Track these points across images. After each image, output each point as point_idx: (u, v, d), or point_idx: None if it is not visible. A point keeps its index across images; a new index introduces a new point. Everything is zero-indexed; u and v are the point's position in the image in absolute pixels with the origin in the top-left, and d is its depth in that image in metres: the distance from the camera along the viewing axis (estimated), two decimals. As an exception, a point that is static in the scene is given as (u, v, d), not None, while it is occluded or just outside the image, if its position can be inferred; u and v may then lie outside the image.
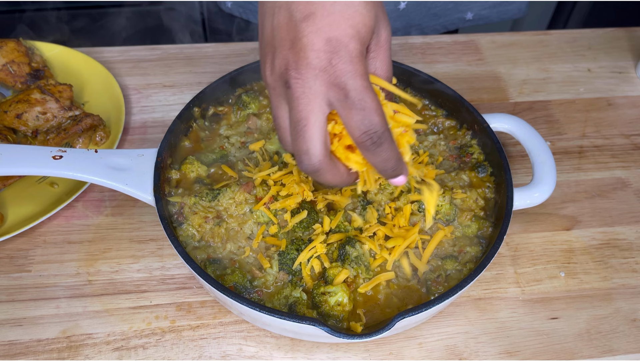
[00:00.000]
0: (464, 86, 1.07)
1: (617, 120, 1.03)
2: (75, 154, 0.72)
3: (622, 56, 1.16)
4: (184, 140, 0.82)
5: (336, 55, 0.50)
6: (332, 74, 0.50)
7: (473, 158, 0.81)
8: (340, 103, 0.50)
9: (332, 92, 0.50)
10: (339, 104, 0.51)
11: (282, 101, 0.54)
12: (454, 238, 0.73)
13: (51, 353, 0.69)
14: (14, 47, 0.98)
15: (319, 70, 0.50)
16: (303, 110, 0.51)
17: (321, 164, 0.53)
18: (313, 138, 0.52)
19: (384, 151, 0.52)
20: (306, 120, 0.51)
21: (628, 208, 0.88)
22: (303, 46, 0.50)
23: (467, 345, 0.72)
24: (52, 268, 0.77)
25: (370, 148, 0.52)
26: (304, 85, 0.50)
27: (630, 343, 0.73)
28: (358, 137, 0.51)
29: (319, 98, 0.51)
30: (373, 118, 0.50)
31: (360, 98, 0.50)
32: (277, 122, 0.56)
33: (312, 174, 0.55)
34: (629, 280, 0.79)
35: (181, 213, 0.73)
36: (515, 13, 1.25)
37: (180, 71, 1.08)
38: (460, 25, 1.26)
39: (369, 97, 0.50)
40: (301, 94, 0.51)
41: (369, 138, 0.51)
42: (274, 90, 0.54)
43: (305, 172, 0.54)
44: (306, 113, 0.51)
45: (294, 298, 0.66)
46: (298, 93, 0.51)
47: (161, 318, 0.73)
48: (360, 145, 0.52)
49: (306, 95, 0.51)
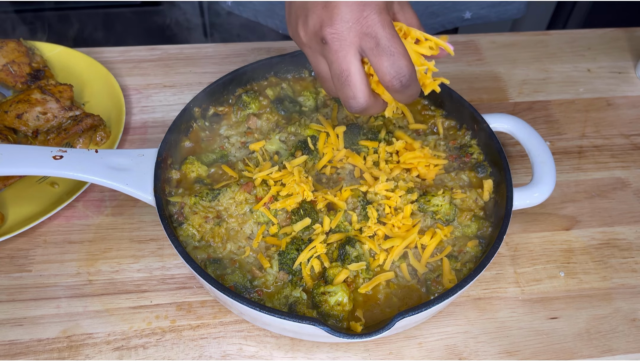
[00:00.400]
0: (464, 86, 1.07)
1: (617, 120, 1.03)
2: (75, 154, 0.72)
3: (622, 56, 1.16)
4: (184, 140, 0.83)
5: (366, 8, 0.56)
6: (364, 25, 0.56)
7: (473, 158, 0.81)
8: (372, 50, 0.56)
9: (365, 41, 0.56)
10: (370, 52, 0.57)
11: (319, 57, 0.61)
12: (454, 238, 0.73)
13: (51, 353, 0.69)
14: (15, 47, 0.98)
15: (352, 22, 0.56)
16: (342, 62, 0.57)
17: (367, 104, 0.60)
18: (357, 84, 0.58)
19: (410, 90, 0.59)
20: (347, 70, 0.58)
21: (627, 208, 0.88)
22: (336, 4, 0.56)
23: (466, 344, 0.72)
24: (53, 268, 0.78)
25: (399, 90, 0.58)
26: (340, 39, 0.57)
27: (629, 343, 0.73)
28: (389, 80, 0.57)
29: (354, 48, 0.57)
30: (401, 62, 0.57)
31: (390, 44, 0.56)
32: (320, 75, 0.63)
33: (359, 112, 0.62)
34: (628, 279, 0.79)
35: (181, 213, 0.73)
36: (514, 13, 1.25)
37: (181, 71, 1.08)
38: (459, 24, 1.26)
39: (397, 42, 0.57)
40: (339, 47, 0.57)
41: (398, 82, 0.57)
42: (309, 49, 0.61)
43: (355, 112, 0.61)
44: (346, 65, 0.57)
45: (294, 298, 0.66)
46: (336, 47, 0.57)
47: (161, 318, 0.73)
48: (391, 88, 0.58)
49: (343, 47, 0.57)
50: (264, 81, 0.92)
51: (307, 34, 0.60)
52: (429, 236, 0.71)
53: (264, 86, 0.91)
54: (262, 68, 0.90)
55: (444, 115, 0.87)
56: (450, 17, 1.23)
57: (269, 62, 0.90)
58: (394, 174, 0.78)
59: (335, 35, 0.57)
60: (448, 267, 0.69)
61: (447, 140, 0.84)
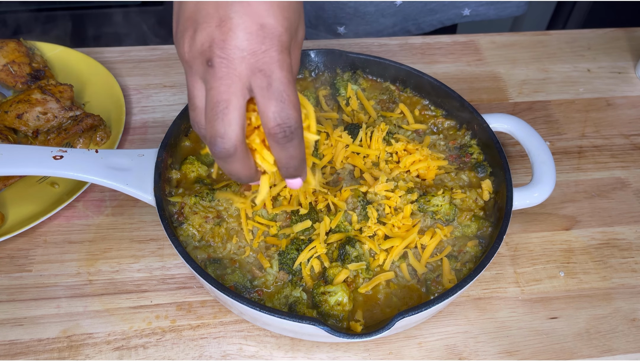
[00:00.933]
0: (463, 86, 1.07)
1: (617, 120, 1.03)
2: (75, 154, 0.72)
3: (622, 56, 1.16)
4: (185, 140, 0.83)
5: (268, 42, 0.49)
6: (260, 60, 0.49)
7: (473, 158, 0.82)
8: (262, 91, 0.49)
9: (256, 77, 0.49)
10: (259, 91, 0.49)
11: (198, 80, 0.52)
12: (454, 238, 0.73)
13: (52, 353, 0.69)
14: (15, 47, 0.98)
15: (247, 53, 0.48)
16: (225, 92, 0.49)
17: (236, 150, 0.51)
18: (232, 121, 0.50)
19: (292, 147, 0.52)
20: (227, 102, 0.49)
21: (627, 208, 0.89)
22: (233, 26, 0.48)
23: (466, 344, 0.72)
24: (53, 268, 0.78)
25: (281, 142, 0.51)
26: (228, 66, 0.49)
27: (629, 343, 0.73)
28: (272, 127, 0.50)
29: (242, 82, 0.49)
30: (290, 112, 0.50)
31: (283, 89, 0.49)
32: (193, 101, 0.53)
33: (222, 160, 0.52)
34: (628, 279, 0.79)
35: (181, 213, 0.73)
36: (514, 10, 1.25)
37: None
38: (457, 21, 1.26)
39: (291, 90, 0.50)
40: (224, 75, 0.49)
41: (282, 131, 0.50)
42: (190, 68, 0.52)
43: (217, 156, 0.52)
44: (228, 95, 0.49)
45: (294, 297, 0.66)
46: (221, 74, 0.49)
47: (161, 318, 0.73)
48: (272, 137, 0.51)
49: (230, 76, 0.49)
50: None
51: (191, 50, 0.50)
52: (429, 236, 0.71)
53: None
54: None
55: (444, 115, 0.87)
56: (448, 14, 1.23)
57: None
58: (394, 174, 0.78)
59: (224, 61, 0.48)
60: (448, 267, 0.69)
61: (447, 140, 0.84)
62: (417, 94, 0.90)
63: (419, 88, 0.90)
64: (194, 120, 0.54)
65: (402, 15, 1.22)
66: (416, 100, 0.90)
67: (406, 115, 0.86)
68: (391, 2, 1.17)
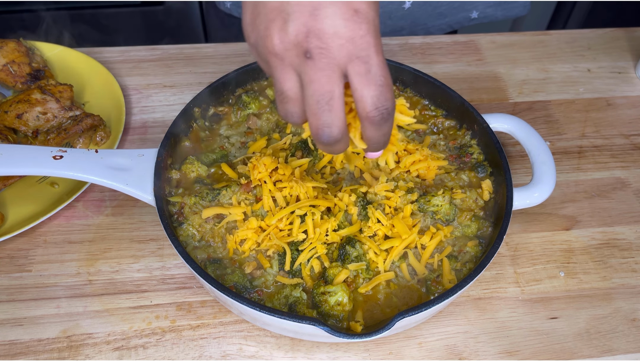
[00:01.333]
0: (464, 86, 1.07)
1: (617, 120, 1.03)
2: (75, 154, 0.72)
3: (622, 56, 1.16)
4: (184, 140, 0.83)
5: (364, 27, 0.49)
6: (357, 46, 0.49)
7: (473, 158, 0.82)
8: (360, 77, 0.50)
9: (354, 64, 0.49)
10: (357, 78, 0.50)
11: (291, 71, 0.51)
12: (454, 238, 0.73)
13: (51, 353, 0.69)
14: (15, 47, 0.98)
15: (345, 40, 0.48)
16: (327, 83, 0.49)
17: (342, 136, 0.53)
18: (337, 111, 0.51)
19: (387, 127, 0.53)
20: (331, 93, 0.50)
21: (627, 208, 0.88)
22: (329, 14, 0.48)
23: (466, 344, 0.72)
24: (53, 268, 0.78)
25: (378, 123, 0.52)
26: (328, 56, 0.49)
27: (629, 343, 0.73)
28: (370, 111, 0.51)
29: (340, 70, 0.50)
30: (388, 95, 0.51)
31: (381, 74, 0.50)
32: (286, 94, 0.52)
33: (329, 146, 0.54)
34: (628, 279, 0.79)
35: (181, 213, 0.73)
36: (520, 10, 1.25)
37: (181, 71, 1.08)
38: (466, 24, 1.26)
39: (388, 73, 0.51)
40: (325, 65, 0.49)
41: (379, 114, 0.51)
42: (282, 61, 0.51)
43: (324, 143, 0.53)
44: (330, 87, 0.49)
45: (294, 298, 0.66)
46: (322, 65, 0.49)
47: (161, 318, 0.73)
48: (370, 119, 0.51)
49: (330, 66, 0.49)
50: (264, 81, 0.92)
51: (283, 42, 0.49)
52: (429, 236, 0.71)
53: (264, 86, 0.91)
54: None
55: (444, 115, 0.87)
56: (457, 17, 1.23)
57: (269, 62, 0.90)
58: (394, 174, 0.78)
59: (323, 51, 0.48)
60: (448, 267, 0.69)
61: (447, 140, 0.84)
62: (417, 94, 0.90)
63: (419, 88, 0.90)
64: (288, 111, 0.54)
65: (410, 18, 1.21)
66: (416, 100, 0.90)
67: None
68: (400, 2, 1.16)
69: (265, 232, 0.71)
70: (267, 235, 0.70)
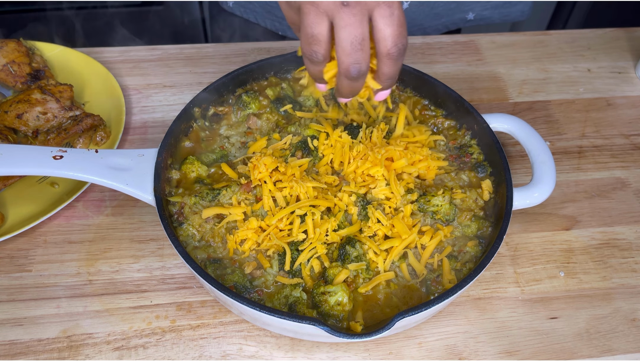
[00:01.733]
0: (464, 86, 1.07)
1: (617, 120, 1.03)
2: (75, 154, 0.72)
3: (622, 56, 1.16)
4: (184, 140, 0.83)
5: None
6: None
7: (473, 158, 0.82)
8: (384, 19, 0.58)
9: (381, 8, 0.57)
10: (382, 19, 0.58)
11: (324, 16, 0.58)
12: (454, 238, 0.73)
13: (51, 353, 0.69)
14: (15, 47, 0.98)
15: None
16: (359, 26, 0.57)
17: (367, 70, 0.61)
18: (367, 51, 0.59)
19: (401, 62, 0.61)
20: (362, 35, 0.58)
21: (627, 208, 0.88)
22: None
23: (466, 344, 0.72)
24: (53, 268, 0.78)
25: (397, 59, 0.60)
26: (360, 3, 0.56)
27: (629, 343, 0.73)
28: (391, 47, 0.59)
29: (368, 14, 0.58)
30: (405, 33, 0.59)
31: (401, 15, 0.58)
32: (317, 37, 0.59)
33: (354, 80, 0.61)
34: (628, 279, 0.79)
35: (181, 213, 0.73)
36: (517, 15, 1.25)
37: (181, 71, 1.08)
38: (462, 25, 1.26)
39: (404, 16, 0.59)
40: (358, 12, 0.57)
41: (398, 50, 0.59)
42: (316, 7, 0.58)
43: (352, 78, 0.60)
44: (362, 30, 0.57)
45: (294, 297, 0.66)
46: (355, 11, 0.57)
47: (161, 318, 0.73)
48: (389, 55, 0.59)
49: (362, 12, 0.57)
50: (264, 81, 0.92)
51: None
52: (429, 236, 0.71)
53: (264, 86, 0.91)
54: (262, 68, 0.90)
55: (444, 115, 0.87)
56: (454, 18, 1.23)
57: (269, 62, 0.90)
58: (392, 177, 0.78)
59: None
60: (448, 267, 0.69)
61: (447, 140, 0.84)
62: (417, 94, 0.90)
63: (419, 88, 0.90)
64: (315, 52, 0.61)
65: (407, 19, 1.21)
66: (416, 100, 0.90)
67: (406, 115, 0.86)
68: None
69: (265, 232, 0.71)
70: (267, 235, 0.70)
